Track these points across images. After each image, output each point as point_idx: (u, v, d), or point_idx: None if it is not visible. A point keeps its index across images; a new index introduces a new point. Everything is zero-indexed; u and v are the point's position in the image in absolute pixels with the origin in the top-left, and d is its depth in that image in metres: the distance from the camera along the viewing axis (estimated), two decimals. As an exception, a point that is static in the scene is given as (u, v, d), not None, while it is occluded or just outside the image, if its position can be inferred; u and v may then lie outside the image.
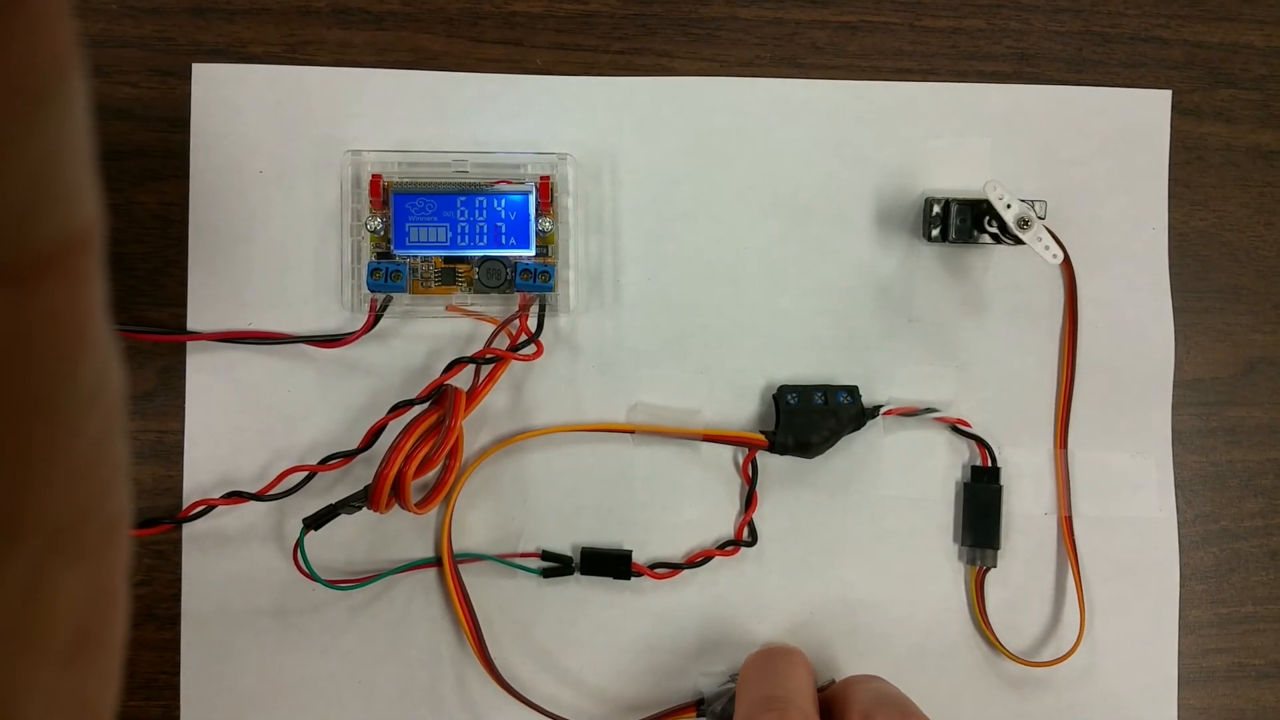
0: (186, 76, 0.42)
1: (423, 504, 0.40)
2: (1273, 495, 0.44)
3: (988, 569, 0.43)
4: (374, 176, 0.41)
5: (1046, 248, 0.39)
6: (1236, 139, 0.45)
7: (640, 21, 0.43)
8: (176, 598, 0.41)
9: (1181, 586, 0.43)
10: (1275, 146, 0.45)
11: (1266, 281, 0.45)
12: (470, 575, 0.41)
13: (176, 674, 0.41)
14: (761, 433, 0.42)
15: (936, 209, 0.41)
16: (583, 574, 0.41)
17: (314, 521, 0.39)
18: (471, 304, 0.41)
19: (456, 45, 0.42)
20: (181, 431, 0.41)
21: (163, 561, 0.41)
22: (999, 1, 0.44)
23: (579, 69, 0.43)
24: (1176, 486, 0.44)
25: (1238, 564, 0.44)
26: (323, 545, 0.41)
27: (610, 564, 0.41)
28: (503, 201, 0.41)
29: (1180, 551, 0.43)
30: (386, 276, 0.40)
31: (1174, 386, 0.44)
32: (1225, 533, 0.44)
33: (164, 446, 0.41)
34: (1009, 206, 0.39)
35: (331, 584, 0.40)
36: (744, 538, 0.42)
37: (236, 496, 0.40)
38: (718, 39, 0.43)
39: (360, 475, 0.41)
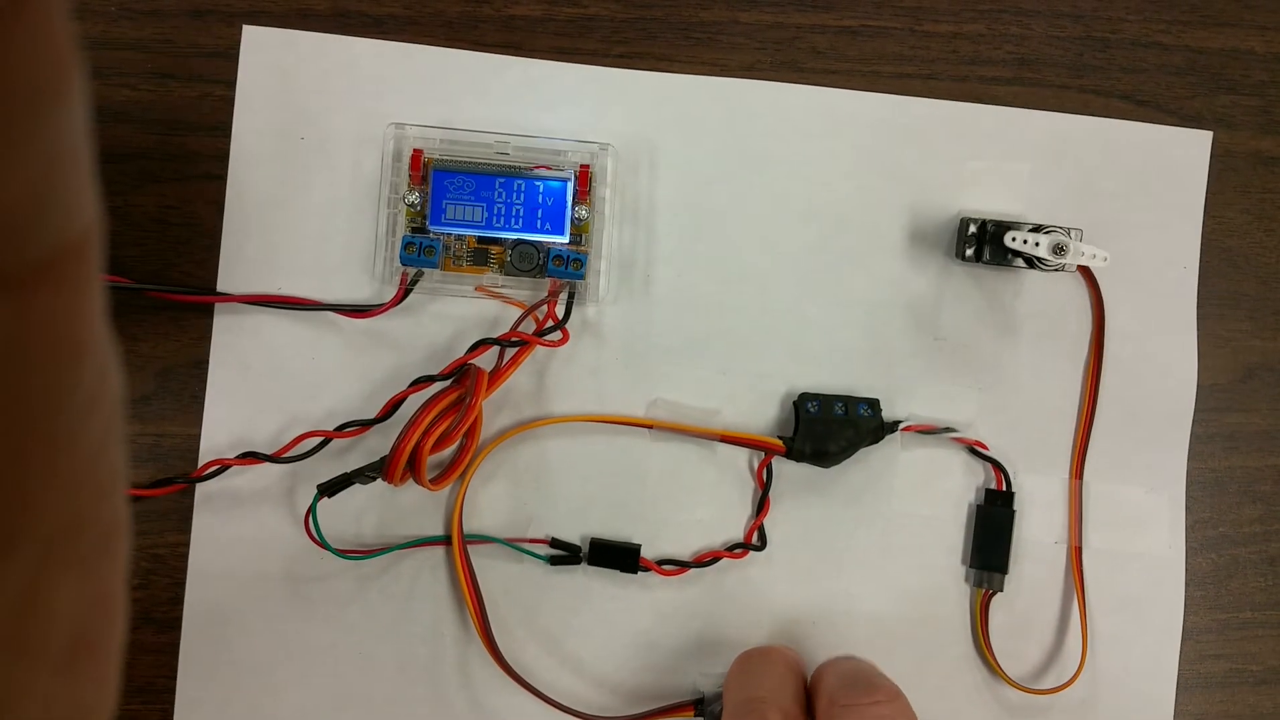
0: (185, 79, 0.42)
1: (437, 480, 0.40)
2: (1271, 502, 0.44)
3: (994, 593, 0.42)
4: (415, 151, 0.41)
5: (1093, 255, 0.39)
6: (1236, 145, 0.45)
7: (640, 25, 0.43)
8: (175, 601, 0.41)
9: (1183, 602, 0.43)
10: (1275, 153, 0.45)
11: (1266, 288, 0.45)
12: (478, 556, 0.41)
13: (174, 678, 0.41)
14: (779, 438, 0.42)
15: (972, 229, 0.42)
16: (590, 564, 0.41)
17: (328, 488, 0.39)
18: (501, 286, 0.41)
19: (456, 48, 0.42)
20: (180, 434, 0.41)
21: (161, 565, 0.41)
22: (1000, 6, 0.44)
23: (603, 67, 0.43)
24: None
25: (1236, 570, 0.44)
26: (334, 514, 0.41)
27: (618, 557, 0.41)
28: (541, 186, 0.41)
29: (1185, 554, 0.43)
30: (420, 251, 0.40)
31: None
32: (1224, 539, 0.44)
33: (161, 450, 0.41)
34: (1037, 244, 0.39)
35: (342, 553, 0.40)
36: (753, 542, 0.42)
37: (251, 457, 0.40)
38: (718, 43, 0.43)
39: (374, 447, 0.41)
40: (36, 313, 0.13)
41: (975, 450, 0.43)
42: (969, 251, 0.42)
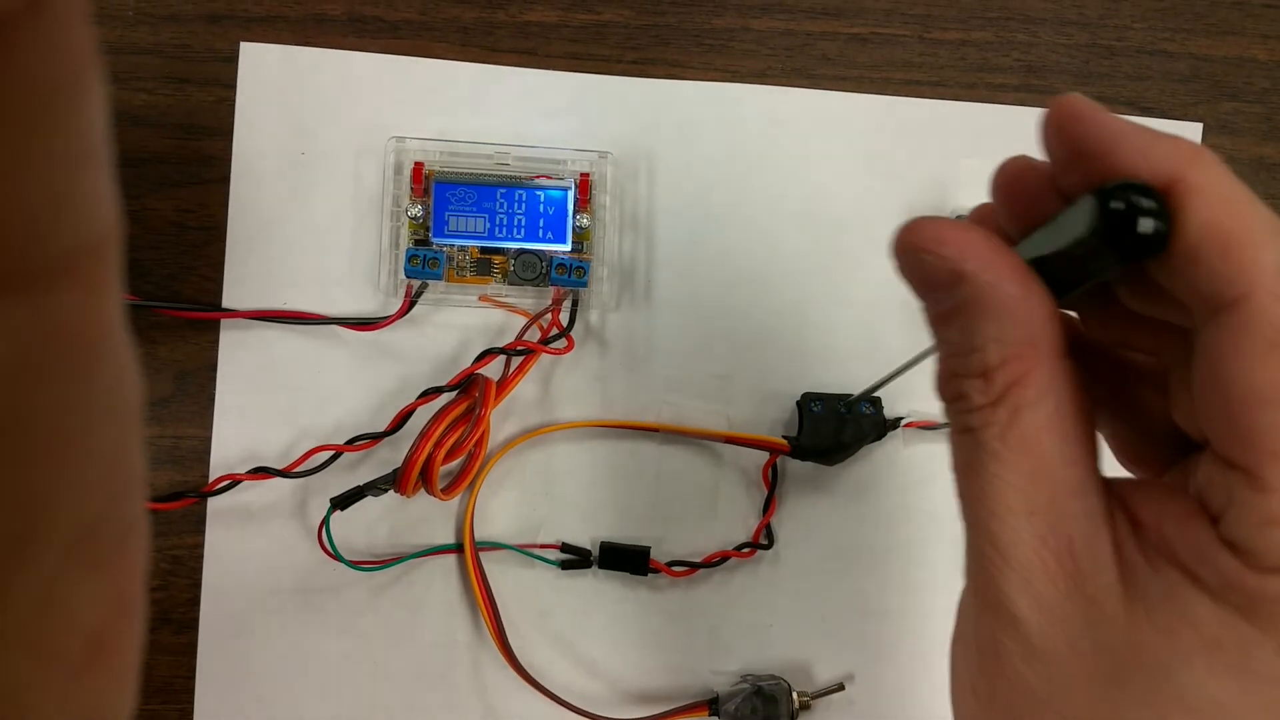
0: (201, 83, 0.42)
1: (448, 490, 0.40)
2: None
3: (998, 584, 0.43)
4: (416, 164, 0.41)
5: None
6: (1240, 151, 0.45)
7: (653, 32, 0.43)
8: (193, 602, 0.41)
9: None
10: (1278, 159, 0.46)
11: None
12: (490, 563, 0.42)
13: (193, 678, 0.41)
14: (784, 438, 0.42)
15: (968, 227, 0.42)
16: (600, 568, 0.42)
17: (341, 502, 0.39)
18: (505, 295, 0.42)
19: (471, 54, 0.43)
20: (198, 436, 0.42)
21: (179, 566, 0.42)
22: (1007, 14, 0.45)
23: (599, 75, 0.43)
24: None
25: None
26: (346, 526, 0.41)
27: (628, 559, 0.42)
28: (542, 196, 0.41)
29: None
30: (424, 263, 0.41)
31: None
32: None
33: (179, 453, 0.42)
34: None
35: (355, 564, 0.40)
36: (761, 541, 0.43)
37: (262, 472, 0.40)
38: (730, 50, 0.44)
39: (383, 458, 0.42)
40: (56, 314, 0.13)
41: (976, 444, 0.43)
42: (966, 249, 0.42)
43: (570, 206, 0.41)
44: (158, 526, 0.41)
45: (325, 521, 0.39)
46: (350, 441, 0.40)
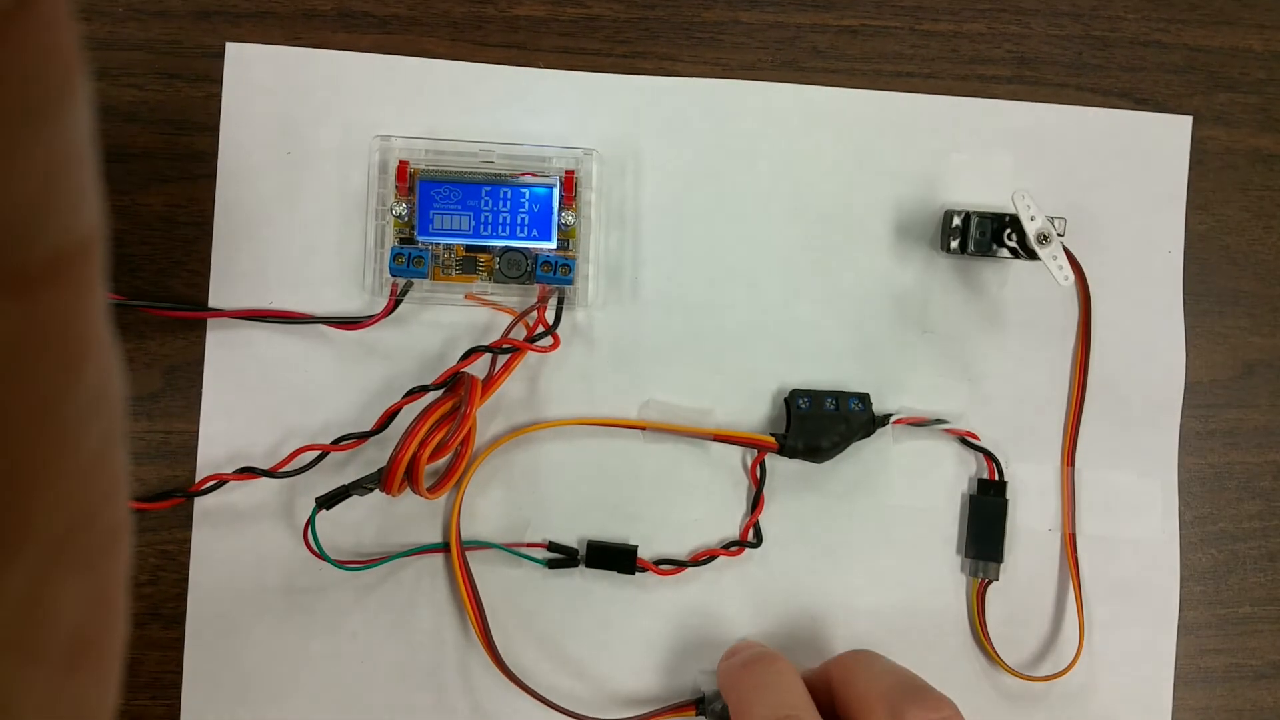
0: (191, 79, 0.42)
1: (434, 489, 0.40)
2: (1271, 497, 0.45)
3: (989, 582, 0.43)
4: (401, 163, 0.41)
5: (1060, 268, 0.39)
6: (1236, 143, 0.45)
7: (643, 25, 0.43)
8: (182, 597, 0.41)
9: (1180, 588, 0.44)
10: (1274, 150, 0.45)
11: (1265, 285, 0.45)
12: (477, 562, 0.42)
13: (181, 673, 0.41)
14: (772, 435, 0.42)
15: (957, 221, 0.42)
16: (588, 567, 0.42)
17: (326, 501, 0.39)
18: (491, 294, 0.42)
19: (461, 49, 0.43)
20: (188, 431, 0.42)
21: (169, 561, 0.42)
22: (999, 6, 0.44)
23: (584, 72, 0.43)
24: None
25: (1235, 565, 0.44)
26: (332, 526, 0.41)
27: (615, 558, 0.42)
28: (527, 193, 0.41)
29: (1180, 554, 0.44)
30: (409, 262, 0.41)
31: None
32: (1223, 534, 0.44)
33: (169, 448, 0.42)
34: (1033, 219, 0.39)
35: (340, 564, 0.40)
36: (749, 539, 0.42)
37: (248, 472, 0.40)
38: (720, 43, 0.43)
39: (370, 458, 0.41)
40: (40, 313, 0.13)
41: (966, 441, 0.43)
42: (954, 244, 0.42)
43: (555, 204, 0.41)
44: (147, 521, 0.41)
45: (311, 521, 0.39)
46: (336, 441, 0.40)
